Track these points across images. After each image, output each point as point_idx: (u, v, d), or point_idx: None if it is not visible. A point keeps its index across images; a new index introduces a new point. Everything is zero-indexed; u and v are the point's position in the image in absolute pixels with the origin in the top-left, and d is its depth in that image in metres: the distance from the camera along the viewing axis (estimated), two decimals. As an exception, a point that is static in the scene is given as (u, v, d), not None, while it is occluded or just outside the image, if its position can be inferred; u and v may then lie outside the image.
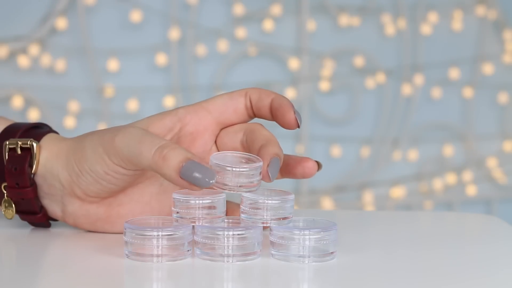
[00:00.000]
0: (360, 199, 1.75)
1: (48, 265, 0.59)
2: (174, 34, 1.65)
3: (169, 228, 0.58)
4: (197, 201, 0.59)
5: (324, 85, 1.72)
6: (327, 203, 1.71)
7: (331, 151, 1.73)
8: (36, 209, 0.66)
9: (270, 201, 0.59)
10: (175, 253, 0.58)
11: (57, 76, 1.62)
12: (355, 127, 1.75)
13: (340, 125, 1.74)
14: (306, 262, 0.58)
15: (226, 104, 0.64)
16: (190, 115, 0.64)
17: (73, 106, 1.62)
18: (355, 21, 1.72)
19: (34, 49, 1.60)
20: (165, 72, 1.67)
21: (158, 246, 0.57)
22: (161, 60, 1.65)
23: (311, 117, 1.72)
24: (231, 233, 0.57)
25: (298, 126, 0.63)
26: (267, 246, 0.59)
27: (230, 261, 0.58)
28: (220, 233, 0.57)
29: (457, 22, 1.76)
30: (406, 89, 1.74)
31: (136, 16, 1.63)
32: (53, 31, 1.62)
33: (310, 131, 1.72)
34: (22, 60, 1.60)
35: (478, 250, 0.64)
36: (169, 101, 1.65)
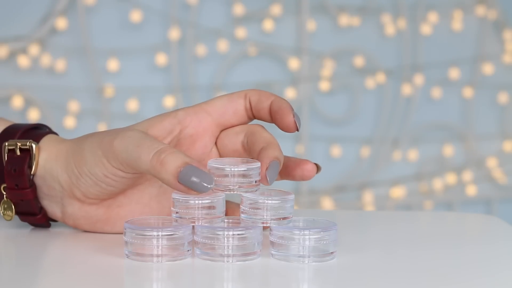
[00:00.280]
0: (360, 199, 1.75)
1: (48, 265, 0.59)
2: (174, 34, 1.65)
3: (169, 228, 0.58)
4: (197, 201, 0.59)
5: (324, 85, 1.72)
6: (327, 203, 1.71)
7: (331, 151, 1.73)
8: (36, 210, 0.66)
9: (270, 201, 0.59)
10: (175, 253, 0.58)
11: (57, 76, 1.62)
12: (355, 127, 1.75)
13: (340, 125, 1.74)
14: (306, 262, 0.58)
15: (226, 106, 0.64)
16: (190, 117, 0.64)
17: (73, 106, 1.62)
18: (355, 21, 1.72)
19: (34, 49, 1.60)
20: (165, 72, 1.67)
21: (158, 246, 0.57)
22: (161, 60, 1.65)
23: (311, 117, 1.72)
24: (231, 233, 0.57)
25: (297, 130, 0.63)
26: (267, 246, 0.59)
27: (230, 261, 0.58)
28: (220, 233, 0.57)
29: (457, 22, 1.76)
30: (406, 89, 1.74)
31: (136, 16, 1.63)
32: (53, 31, 1.62)
33: (310, 131, 1.72)
34: (22, 60, 1.60)
35: (478, 250, 0.64)
36: (169, 101, 1.65)
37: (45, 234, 0.66)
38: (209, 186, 0.57)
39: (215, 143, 0.65)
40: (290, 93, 1.69)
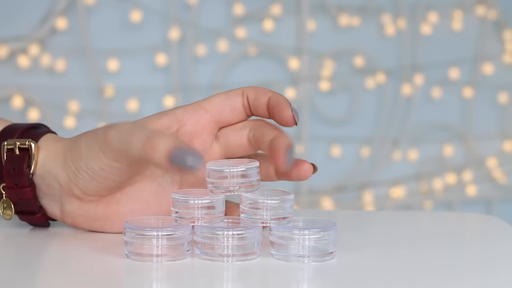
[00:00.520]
0: (360, 199, 1.75)
1: (48, 265, 0.59)
2: (174, 34, 1.65)
3: (169, 228, 0.58)
4: (196, 201, 0.59)
5: (324, 85, 1.72)
6: (327, 203, 1.71)
7: (331, 151, 1.73)
8: (35, 209, 0.66)
9: (270, 201, 0.59)
10: (175, 253, 0.58)
11: (57, 76, 1.62)
12: (355, 127, 1.75)
13: (340, 125, 1.74)
14: (306, 262, 0.58)
15: (224, 103, 0.65)
16: (188, 115, 0.64)
17: (73, 106, 1.62)
18: (355, 21, 1.72)
19: (34, 49, 1.60)
20: (165, 72, 1.67)
21: (158, 246, 0.57)
22: (161, 60, 1.65)
23: (311, 117, 1.72)
24: (231, 233, 0.57)
25: (296, 124, 0.64)
26: (267, 246, 0.59)
27: (230, 261, 0.58)
28: (220, 233, 0.57)
29: (457, 22, 1.76)
30: (406, 89, 1.74)
31: (136, 16, 1.63)
32: (53, 31, 1.62)
33: (310, 131, 1.72)
34: (22, 60, 1.60)
35: (478, 250, 0.64)
36: (169, 101, 1.65)
37: (45, 234, 0.66)
38: (200, 164, 0.58)
39: (219, 140, 0.65)
40: (290, 93, 1.69)
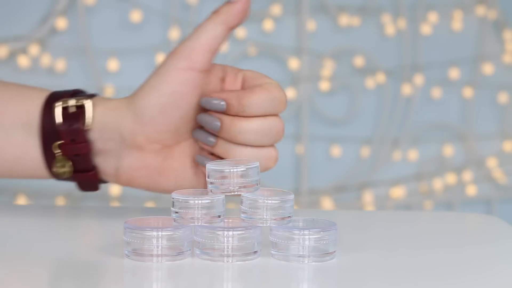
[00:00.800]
0: (360, 199, 1.75)
1: (48, 265, 0.59)
2: (174, 34, 1.65)
3: (169, 228, 0.58)
4: (196, 201, 0.59)
5: (324, 85, 1.72)
6: (327, 203, 1.71)
7: (331, 151, 1.73)
8: (90, 166, 0.66)
9: (270, 201, 0.59)
10: (175, 253, 0.58)
11: (57, 76, 1.62)
12: (355, 127, 1.75)
13: (340, 125, 1.74)
14: (306, 262, 0.58)
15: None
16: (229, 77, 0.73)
17: (73, 106, 1.62)
18: (355, 21, 1.72)
19: (34, 49, 1.60)
20: (165, 72, 1.66)
21: (158, 246, 0.57)
22: (161, 60, 1.65)
23: (311, 117, 1.72)
24: (231, 233, 0.57)
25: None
26: (267, 246, 0.59)
27: (230, 261, 0.58)
28: (220, 233, 0.57)
29: (457, 22, 1.77)
30: (406, 89, 1.74)
31: (136, 16, 1.63)
32: (53, 31, 1.62)
33: (310, 131, 1.72)
34: (22, 60, 1.60)
35: (478, 250, 0.64)
36: (169, 101, 1.65)
37: (45, 234, 0.66)
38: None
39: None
40: (290, 93, 1.69)
